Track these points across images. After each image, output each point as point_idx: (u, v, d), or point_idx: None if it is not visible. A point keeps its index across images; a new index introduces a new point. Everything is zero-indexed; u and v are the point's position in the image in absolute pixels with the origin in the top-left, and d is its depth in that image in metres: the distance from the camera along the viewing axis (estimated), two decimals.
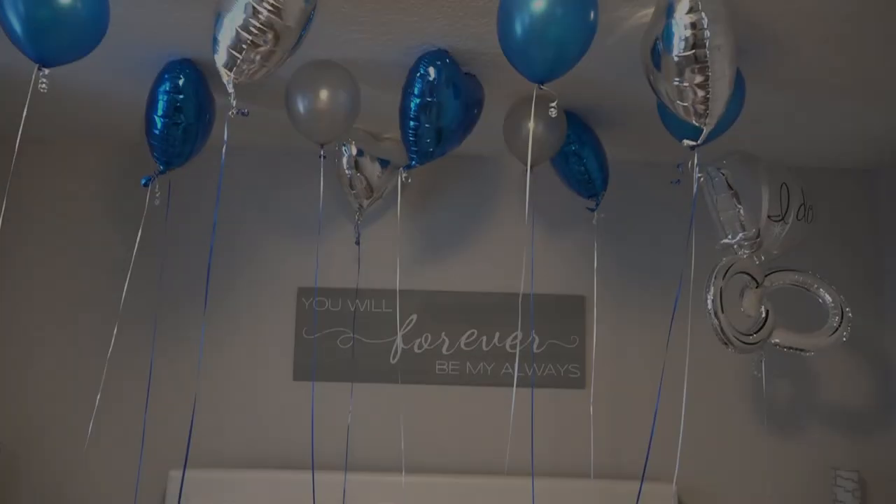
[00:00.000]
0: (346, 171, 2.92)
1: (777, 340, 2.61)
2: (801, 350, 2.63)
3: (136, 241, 2.47)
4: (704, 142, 1.94)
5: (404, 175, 2.43)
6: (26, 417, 3.06)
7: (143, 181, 2.41)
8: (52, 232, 3.19)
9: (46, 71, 1.79)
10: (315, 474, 2.44)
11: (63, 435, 3.05)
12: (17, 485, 3.02)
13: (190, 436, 1.98)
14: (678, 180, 2.26)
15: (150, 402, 2.68)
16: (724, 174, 2.54)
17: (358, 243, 3.02)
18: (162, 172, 2.46)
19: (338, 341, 3.16)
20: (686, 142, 1.95)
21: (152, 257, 2.99)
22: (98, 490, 3.02)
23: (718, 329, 2.41)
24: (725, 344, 2.43)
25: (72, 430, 3.02)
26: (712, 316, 2.39)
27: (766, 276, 2.62)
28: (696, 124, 1.90)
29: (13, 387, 3.08)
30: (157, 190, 2.46)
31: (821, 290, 2.66)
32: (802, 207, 2.58)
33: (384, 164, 2.97)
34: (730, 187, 2.53)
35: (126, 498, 2.94)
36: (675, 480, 2.77)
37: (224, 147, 2.08)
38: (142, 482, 2.74)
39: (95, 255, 3.18)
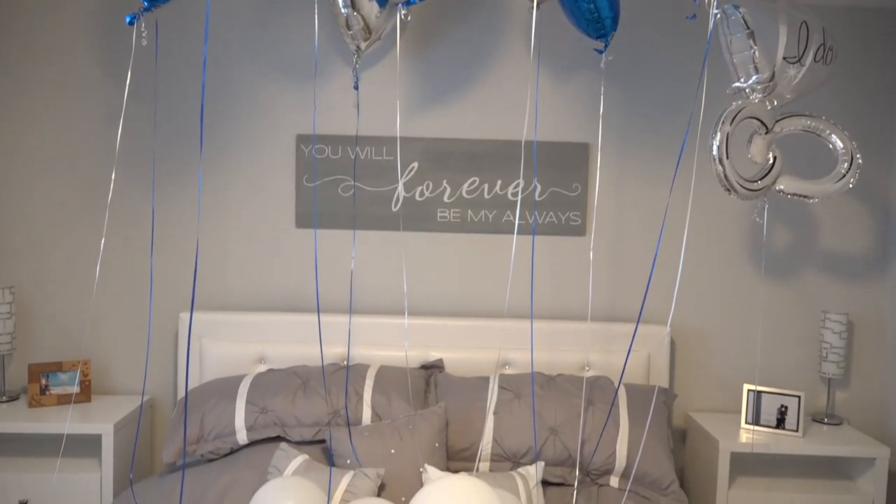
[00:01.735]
0: (343, 10, 2.76)
1: (782, 187, 2.58)
2: (806, 197, 2.61)
3: (126, 85, 2.39)
4: None
5: (403, 12, 2.30)
6: (37, 263, 3.13)
7: (127, 19, 2.30)
8: (43, 79, 3.08)
9: None
10: (320, 317, 2.51)
11: (74, 279, 3.12)
12: (34, 327, 3.14)
13: (195, 279, 2.01)
14: (694, 15, 2.14)
15: (155, 248, 2.72)
16: (741, 12, 2.40)
17: (356, 88, 2.93)
18: (147, 10, 2.33)
19: (339, 189, 3.15)
20: None
21: (147, 102, 2.90)
22: (113, 331, 3.15)
23: (722, 175, 2.37)
24: (728, 191, 2.41)
25: (81, 274, 3.09)
26: (716, 162, 2.36)
27: (776, 121, 2.54)
28: None
29: (22, 234, 3.12)
30: (143, 29, 2.34)
31: (832, 135, 2.59)
32: (822, 48, 2.45)
33: (382, 2, 2.80)
34: (746, 26, 2.39)
35: (140, 337, 3.06)
36: (669, 322, 2.87)
37: None
38: (154, 323, 2.84)
39: (89, 99, 3.09)
